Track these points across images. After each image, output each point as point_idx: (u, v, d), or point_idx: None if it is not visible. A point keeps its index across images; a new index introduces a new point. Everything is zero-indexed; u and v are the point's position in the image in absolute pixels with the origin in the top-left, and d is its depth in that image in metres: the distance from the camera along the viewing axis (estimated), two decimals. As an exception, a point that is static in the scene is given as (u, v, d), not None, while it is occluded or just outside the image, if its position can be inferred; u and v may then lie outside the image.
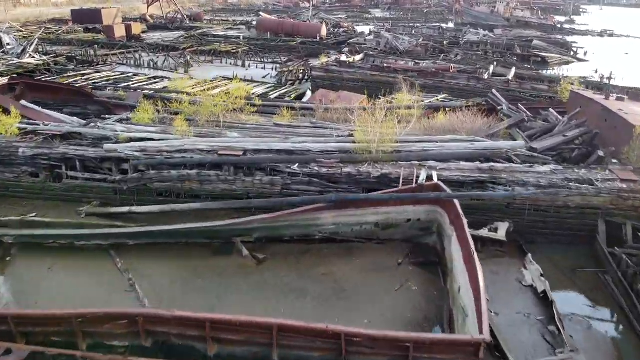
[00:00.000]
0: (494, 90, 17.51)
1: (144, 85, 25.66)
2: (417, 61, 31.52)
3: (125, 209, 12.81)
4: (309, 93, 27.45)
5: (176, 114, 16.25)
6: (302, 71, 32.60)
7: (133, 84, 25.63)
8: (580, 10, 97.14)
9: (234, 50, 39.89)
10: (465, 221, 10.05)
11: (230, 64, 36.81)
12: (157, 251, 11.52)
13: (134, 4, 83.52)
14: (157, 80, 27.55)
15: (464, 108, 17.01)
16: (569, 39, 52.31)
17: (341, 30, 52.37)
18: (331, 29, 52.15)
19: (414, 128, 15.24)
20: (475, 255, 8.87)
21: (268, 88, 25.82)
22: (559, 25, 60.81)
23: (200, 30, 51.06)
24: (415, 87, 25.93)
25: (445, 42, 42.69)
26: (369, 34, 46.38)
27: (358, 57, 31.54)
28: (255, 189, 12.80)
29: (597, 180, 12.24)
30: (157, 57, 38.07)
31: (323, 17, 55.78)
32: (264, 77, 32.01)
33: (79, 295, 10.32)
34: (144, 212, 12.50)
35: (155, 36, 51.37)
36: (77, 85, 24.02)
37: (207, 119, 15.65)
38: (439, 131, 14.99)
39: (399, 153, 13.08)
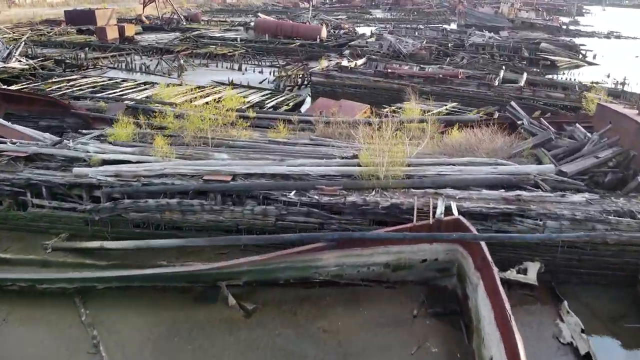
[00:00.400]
0: (513, 103, 15.80)
1: (132, 92, 23.92)
2: (422, 65, 29.80)
3: (97, 243, 11.08)
4: (308, 100, 25.72)
5: (160, 128, 14.52)
6: (301, 76, 30.88)
7: (120, 92, 23.88)
8: (583, 10, 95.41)
9: (230, 53, 38.15)
10: (495, 270, 8.34)
11: (226, 67, 35.07)
12: (129, 297, 9.77)
13: (131, 4, 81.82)
14: (147, 86, 25.79)
15: (480, 122, 15.28)
16: (575, 40, 50.62)
17: (342, 31, 50.64)
18: (331, 31, 50.43)
19: (425, 146, 13.51)
20: (512, 319, 7.16)
21: (264, 95, 24.08)
22: (564, 27, 59.06)
23: (197, 32, 49.32)
24: (421, 95, 24.30)
25: (449, 45, 40.93)
26: (371, 36, 44.64)
27: (360, 62, 29.82)
28: (245, 220, 11.08)
29: (640, 212, 10.55)
30: (151, 61, 36.37)
31: (323, 18, 54.10)
32: (260, 83, 30.28)
33: (37, 356, 8.64)
34: (117, 248, 10.78)
35: (150, 38, 49.65)
36: (54, 96, 22.30)
37: (194, 134, 13.92)
38: (453, 150, 13.27)
39: (411, 178, 11.35)
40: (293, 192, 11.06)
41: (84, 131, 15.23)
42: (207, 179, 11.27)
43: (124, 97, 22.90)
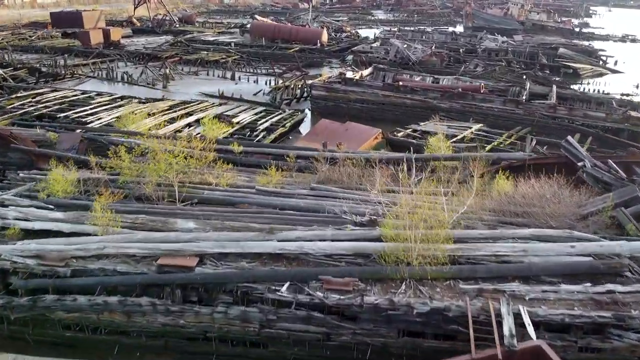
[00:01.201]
0: (570, 139, 12.30)
1: (105, 110, 20.39)
2: (435, 76, 26.24)
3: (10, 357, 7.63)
4: (308, 118, 22.21)
5: (117, 174, 11.01)
6: (300, 86, 27.37)
7: (91, 109, 20.35)
8: (591, 12, 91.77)
9: (223, 60, 34.59)
10: None
11: (218, 76, 31.52)
12: None
13: (124, 5, 78.22)
14: (125, 101, 22.27)
15: (530, 162, 11.76)
16: (583, 42, 47.07)
17: (343, 35, 47.07)
18: (332, 34, 46.86)
19: (461, 198, 9.98)
20: None
21: (258, 113, 20.56)
22: (577, 29, 55.49)
23: (189, 35, 45.75)
24: (436, 111, 20.82)
25: (461, 50, 37.38)
26: (375, 41, 41.05)
27: (366, 72, 26.27)
28: (216, 327, 7.61)
29: None
30: (136, 68, 32.82)
31: (323, 20, 50.54)
32: (255, 95, 26.76)
33: None
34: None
35: (140, 41, 46.08)
36: (14, 115, 18.86)
37: (158, 181, 10.42)
38: (502, 206, 9.76)
39: (458, 264, 7.87)
40: (286, 286, 7.58)
41: (20, 174, 11.71)
42: (162, 265, 7.79)
43: (93, 116, 19.41)
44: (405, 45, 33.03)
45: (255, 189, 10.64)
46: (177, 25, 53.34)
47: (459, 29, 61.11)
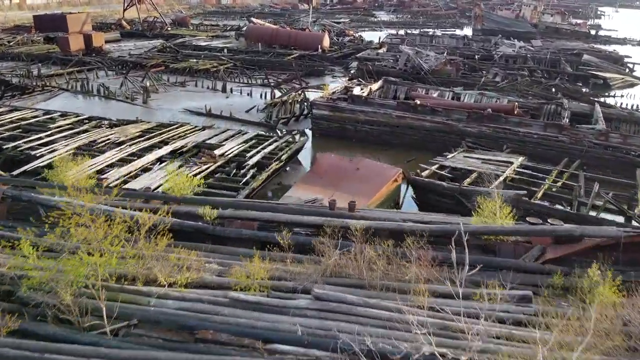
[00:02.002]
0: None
1: (65, 139, 16.67)
2: (455, 90, 22.47)
3: None
4: (309, 144, 18.47)
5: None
6: (299, 100, 23.65)
7: (47, 136, 16.62)
8: (599, 12, 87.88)
9: (215, 69, 30.82)
10: None
11: (208, 87, 27.74)
12: None
13: (117, 7, 74.29)
14: (93, 123, 18.53)
15: (627, 239, 8.04)
16: (604, 47, 43.32)
17: (346, 39, 43.27)
18: (334, 38, 43.07)
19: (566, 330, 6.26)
20: None
21: (248, 141, 16.78)
22: (592, 32, 51.70)
23: (181, 39, 41.96)
24: (461, 135, 17.11)
25: (476, 57, 33.64)
26: (380, 46, 37.25)
27: (375, 86, 22.49)
28: None
29: None
30: (117, 78, 29.06)
31: (324, 23, 46.72)
32: (248, 111, 23.04)
33: None
34: None
35: (128, 46, 42.33)
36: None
37: (77, 291, 6.72)
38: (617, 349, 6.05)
39: None
40: None
41: None
42: None
43: (48, 146, 15.68)
44: (416, 53, 29.26)
45: (228, 297, 6.91)
46: (169, 29, 49.51)
47: (467, 31, 57.34)
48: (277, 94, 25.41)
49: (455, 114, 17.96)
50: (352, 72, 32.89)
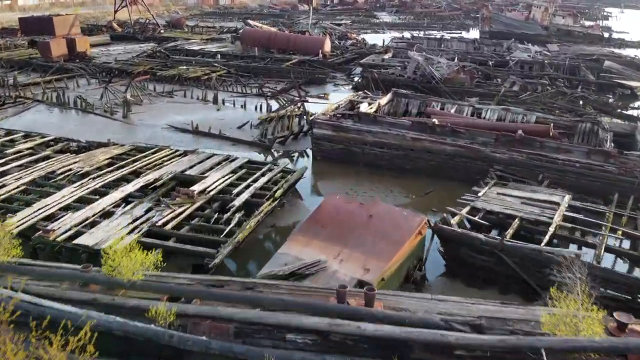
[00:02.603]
0: None
1: (16, 167, 13.86)
2: (476, 105, 19.63)
3: None
4: (309, 174, 15.64)
5: None
6: (299, 113, 20.87)
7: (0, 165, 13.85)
8: (605, 13, 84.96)
9: (206, 77, 28.00)
10: None
11: (198, 98, 24.93)
12: None
13: (111, 7, 71.34)
14: (58, 147, 15.72)
15: None
16: (622, 52, 40.49)
17: (348, 42, 40.42)
18: (336, 42, 40.24)
19: None
20: None
21: (236, 170, 13.92)
22: (606, 35, 48.84)
23: (173, 43, 39.10)
24: (487, 162, 14.41)
25: (490, 64, 30.82)
26: (385, 51, 34.40)
27: (384, 100, 19.63)
28: None
29: None
30: (99, 86, 26.23)
31: (325, 26, 43.83)
32: (241, 127, 20.24)
33: None
34: None
35: (117, 50, 39.53)
36: None
37: None
38: None
39: None
40: None
41: None
42: None
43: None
44: (426, 59, 26.42)
45: None
46: (162, 31, 46.64)
47: (474, 34, 54.52)
48: (274, 105, 22.62)
49: (481, 136, 15.14)
50: (355, 79, 30.12)
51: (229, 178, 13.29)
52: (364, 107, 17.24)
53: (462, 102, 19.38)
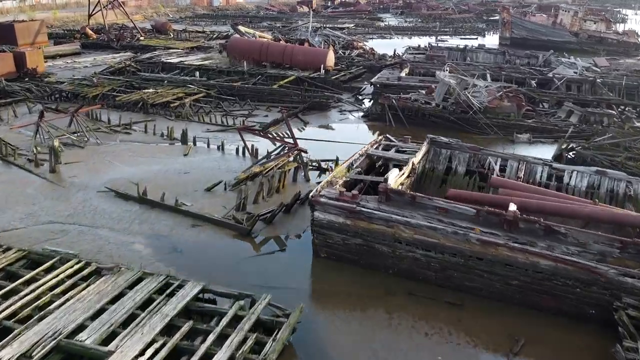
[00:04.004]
0: None
1: None
2: (554, 165, 13.08)
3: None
4: (305, 287, 9.30)
5: None
6: (296, 160, 14.53)
7: None
8: (622, 15, 78.42)
9: (177, 103, 21.58)
10: None
11: (162, 135, 18.52)
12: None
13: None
14: None
15: None
16: None
17: (354, 52, 33.94)
18: (340, 51, 33.79)
19: None
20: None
21: (176, 321, 7.64)
22: (641, 42, 42.40)
23: (149, 54, 32.62)
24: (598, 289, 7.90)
25: (533, 83, 24.43)
26: (400, 66, 27.94)
27: (419, 156, 13.03)
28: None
29: None
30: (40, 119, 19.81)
31: (328, 33, 37.35)
32: (210, 189, 13.86)
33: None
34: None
35: (86, 62, 33.10)
36: None
37: None
38: None
39: None
40: None
41: None
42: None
43: None
44: (459, 81, 20.03)
45: None
46: (142, 38, 40.10)
47: (491, 39, 48.11)
48: (263, 146, 16.23)
49: (594, 241, 8.77)
50: (365, 102, 23.81)
51: (160, 352, 6.91)
52: (393, 177, 10.79)
53: (534, 159, 12.89)
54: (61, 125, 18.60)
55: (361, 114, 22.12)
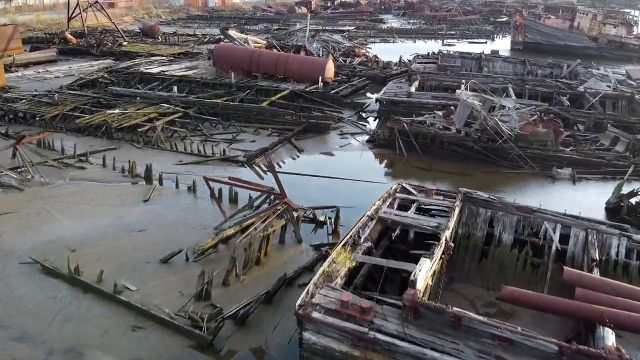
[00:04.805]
0: None
1: None
2: (634, 236, 9.42)
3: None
4: None
5: None
6: (285, 220, 10.87)
7: None
8: (632, 16, 74.44)
9: (146, 127, 17.86)
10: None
11: (123, 170, 14.83)
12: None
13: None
14: None
15: None
16: None
17: (356, 60, 30.21)
18: (340, 59, 30.06)
19: None
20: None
21: None
22: (666, 47, 38.61)
23: (129, 62, 28.91)
24: None
25: (564, 100, 20.76)
26: (409, 77, 24.24)
27: (452, 219, 9.42)
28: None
29: None
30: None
31: (327, 39, 33.46)
32: (167, 260, 10.18)
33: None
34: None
35: (60, 71, 29.41)
36: None
37: None
38: None
39: None
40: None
41: None
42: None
43: None
44: (483, 102, 16.33)
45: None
46: (126, 43, 36.36)
47: (501, 44, 44.42)
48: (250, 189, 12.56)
49: None
50: (370, 121, 20.23)
51: None
52: (423, 276, 7.12)
53: (606, 228, 9.22)
54: (4, 157, 14.98)
55: (366, 137, 18.46)
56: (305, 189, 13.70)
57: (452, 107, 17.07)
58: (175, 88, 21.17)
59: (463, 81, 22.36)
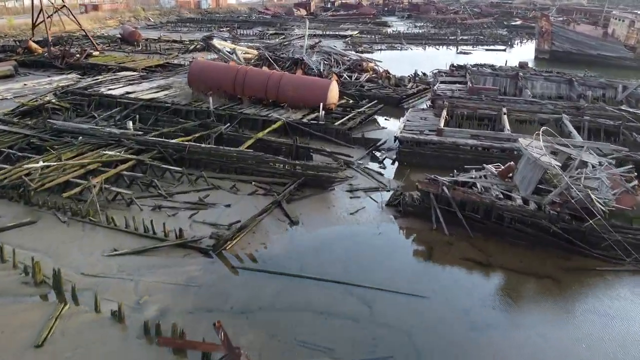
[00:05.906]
0: None
1: None
2: None
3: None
4: None
5: None
6: None
7: None
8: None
9: (79, 188, 12.51)
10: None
11: (27, 273, 9.54)
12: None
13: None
14: None
15: None
16: None
17: (364, 76, 24.80)
18: (344, 74, 24.66)
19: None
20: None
21: None
22: None
23: (91, 80, 23.55)
24: None
25: (638, 138, 15.51)
26: (432, 103, 18.91)
27: None
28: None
29: None
30: None
31: (329, 50, 27.86)
32: None
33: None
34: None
35: (11, 91, 24.03)
36: None
37: None
38: None
39: None
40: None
41: None
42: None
43: None
44: (560, 156, 11.02)
45: None
46: (96, 53, 30.94)
47: (521, 52, 39.12)
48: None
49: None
50: (387, 165, 15.00)
51: None
52: None
53: None
54: None
55: (385, 196, 13.17)
56: (301, 300, 8.44)
57: (511, 163, 11.75)
58: (130, 124, 15.79)
59: (504, 110, 17.11)
